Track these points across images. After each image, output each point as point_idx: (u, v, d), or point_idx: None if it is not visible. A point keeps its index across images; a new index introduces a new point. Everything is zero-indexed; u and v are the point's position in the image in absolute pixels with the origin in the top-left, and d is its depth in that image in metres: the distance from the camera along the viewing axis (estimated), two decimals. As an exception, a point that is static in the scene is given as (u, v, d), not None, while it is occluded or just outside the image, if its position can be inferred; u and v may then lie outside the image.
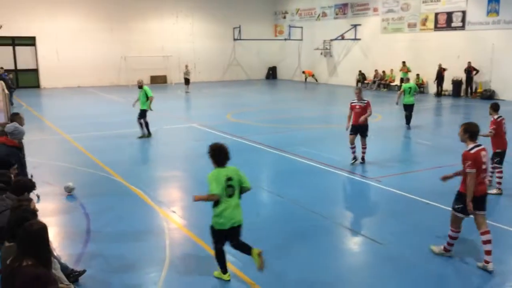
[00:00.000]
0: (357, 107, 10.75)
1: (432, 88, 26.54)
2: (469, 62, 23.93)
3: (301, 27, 35.73)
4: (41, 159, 11.55)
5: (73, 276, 5.54)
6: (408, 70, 26.59)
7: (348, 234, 7.16)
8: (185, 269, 6.07)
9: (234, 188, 5.41)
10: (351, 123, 10.89)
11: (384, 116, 18.16)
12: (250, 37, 35.40)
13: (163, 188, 9.60)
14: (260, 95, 27.36)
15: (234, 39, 36.15)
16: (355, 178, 10.02)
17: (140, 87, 14.12)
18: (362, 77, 30.97)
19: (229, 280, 5.69)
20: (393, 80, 28.73)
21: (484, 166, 5.98)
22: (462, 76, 24.73)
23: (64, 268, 5.39)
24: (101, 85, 31.99)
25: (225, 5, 35.77)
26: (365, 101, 10.77)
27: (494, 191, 8.69)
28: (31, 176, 8.61)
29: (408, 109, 15.87)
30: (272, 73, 38.91)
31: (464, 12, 24.64)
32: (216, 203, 5.38)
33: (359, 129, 10.86)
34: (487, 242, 5.90)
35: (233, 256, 6.29)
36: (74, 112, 20.08)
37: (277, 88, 32.30)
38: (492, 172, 8.99)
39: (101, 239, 6.95)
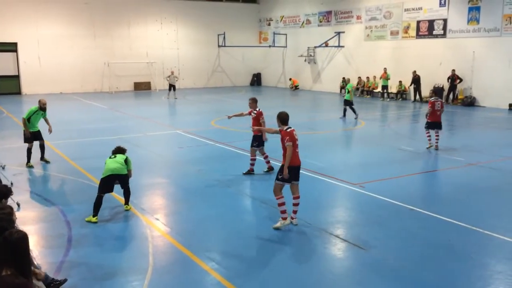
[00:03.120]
0: (252, 116, 10.69)
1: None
2: (453, 70, 24.27)
3: (286, 34, 35.94)
4: (22, 167, 11.39)
5: (53, 285, 5.45)
6: (388, 78, 27.05)
7: (332, 239, 7.18)
8: (169, 277, 6.02)
9: (116, 156, 8.17)
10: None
11: (367, 122, 18.30)
12: (235, 43, 35.48)
13: (146, 195, 9.51)
14: (244, 102, 27.23)
15: (219, 46, 36.19)
16: (338, 184, 10.06)
17: (44, 109, 12.03)
18: (345, 84, 31.19)
19: (96, 222, 7.57)
20: (376, 87, 29.05)
21: (297, 142, 7.46)
22: (444, 83, 25.08)
23: (44, 277, 5.30)
24: (84, 91, 31.70)
25: (209, 11, 35.83)
26: (255, 112, 10.64)
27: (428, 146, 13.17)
28: (11, 183, 8.50)
29: (349, 104, 18.89)
30: (256, 80, 39.01)
31: (445, 20, 25.05)
32: None
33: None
34: (297, 204, 7.62)
35: (217, 264, 6.27)
36: (56, 119, 19.69)
37: (262, 95, 32.33)
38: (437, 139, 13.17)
39: (83, 247, 6.85)
